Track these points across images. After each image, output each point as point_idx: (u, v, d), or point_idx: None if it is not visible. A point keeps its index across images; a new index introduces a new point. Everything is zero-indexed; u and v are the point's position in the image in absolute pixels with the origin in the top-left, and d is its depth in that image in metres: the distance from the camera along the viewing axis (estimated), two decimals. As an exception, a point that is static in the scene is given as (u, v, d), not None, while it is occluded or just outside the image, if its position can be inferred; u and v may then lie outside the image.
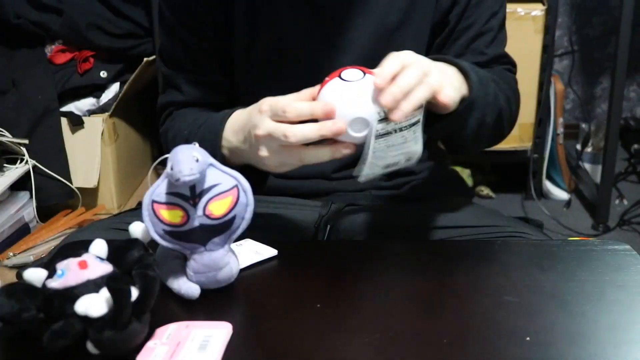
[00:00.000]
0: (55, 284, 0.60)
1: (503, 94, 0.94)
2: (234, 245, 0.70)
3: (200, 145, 0.88)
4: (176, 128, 1.01)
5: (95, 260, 0.62)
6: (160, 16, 1.02)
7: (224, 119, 0.87)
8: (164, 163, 0.65)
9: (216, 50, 0.99)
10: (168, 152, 0.99)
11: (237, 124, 0.85)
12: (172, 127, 1.02)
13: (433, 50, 0.98)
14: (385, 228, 0.97)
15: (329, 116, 0.71)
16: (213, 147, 0.86)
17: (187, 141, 0.93)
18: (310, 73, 0.81)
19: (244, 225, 0.67)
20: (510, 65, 1.02)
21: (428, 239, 0.94)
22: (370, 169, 0.73)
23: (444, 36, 0.98)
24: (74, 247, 0.70)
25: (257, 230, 0.75)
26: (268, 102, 0.76)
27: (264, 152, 0.77)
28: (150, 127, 2.20)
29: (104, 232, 0.86)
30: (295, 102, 0.74)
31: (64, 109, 1.91)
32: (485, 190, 2.37)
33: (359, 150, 0.73)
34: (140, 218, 0.67)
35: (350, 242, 0.93)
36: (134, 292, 0.58)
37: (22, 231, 1.81)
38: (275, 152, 0.76)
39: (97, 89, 1.94)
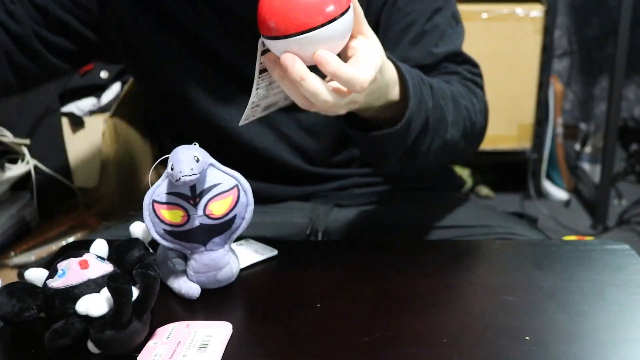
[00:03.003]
0: (56, 283, 0.60)
1: (459, 117, 0.85)
2: (234, 245, 0.70)
3: None
4: None
5: (96, 260, 0.62)
6: None
7: None
8: (164, 163, 0.65)
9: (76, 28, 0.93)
10: None
11: None
12: None
13: None
14: (378, 229, 0.96)
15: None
16: None
17: None
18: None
19: (244, 225, 0.68)
20: (467, 64, 0.92)
21: (421, 238, 0.94)
22: (251, 109, 0.71)
23: (380, 38, 0.85)
24: (75, 246, 0.70)
25: (257, 231, 0.75)
26: None
27: None
28: (151, 127, 2.20)
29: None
30: None
31: (65, 109, 1.91)
32: (484, 190, 2.37)
33: None
34: (140, 220, 0.67)
35: (350, 242, 0.93)
36: (135, 292, 0.58)
37: (23, 231, 1.81)
38: None
39: (98, 89, 1.94)
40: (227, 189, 0.66)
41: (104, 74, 1.92)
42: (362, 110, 0.74)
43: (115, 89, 1.95)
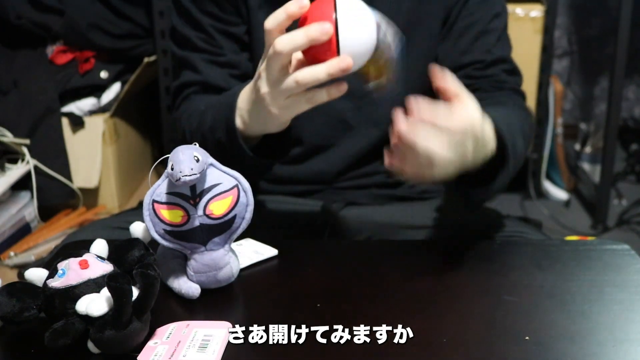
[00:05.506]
0: (56, 283, 0.60)
1: (525, 142, 0.91)
2: (234, 245, 0.70)
3: (216, 117, 0.85)
4: (192, 107, 0.96)
5: (96, 260, 0.62)
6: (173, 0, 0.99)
7: (240, 88, 0.83)
8: (164, 163, 0.65)
9: (232, 31, 0.97)
10: (182, 136, 0.98)
11: (248, 87, 0.81)
12: (188, 108, 0.98)
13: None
14: (385, 228, 0.97)
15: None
16: (228, 115, 0.82)
17: (203, 115, 0.91)
18: None
19: (244, 225, 0.68)
20: (515, 75, 1.02)
21: (427, 238, 0.94)
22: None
23: (445, 31, 0.99)
24: (75, 246, 0.70)
25: (257, 230, 0.75)
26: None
27: (264, 88, 0.73)
28: (151, 127, 2.20)
29: (105, 231, 0.86)
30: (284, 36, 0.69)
31: (65, 109, 1.91)
32: (485, 190, 2.37)
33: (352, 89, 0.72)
34: (141, 217, 0.67)
35: (350, 242, 0.93)
36: (135, 292, 0.58)
37: (23, 231, 1.81)
38: (275, 85, 0.72)
39: (97, 89, 1.94)
40: (227, 189, 0.66)
41: (104, 74, 1.92)
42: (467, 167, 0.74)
43: (115, 89, 1.95)
